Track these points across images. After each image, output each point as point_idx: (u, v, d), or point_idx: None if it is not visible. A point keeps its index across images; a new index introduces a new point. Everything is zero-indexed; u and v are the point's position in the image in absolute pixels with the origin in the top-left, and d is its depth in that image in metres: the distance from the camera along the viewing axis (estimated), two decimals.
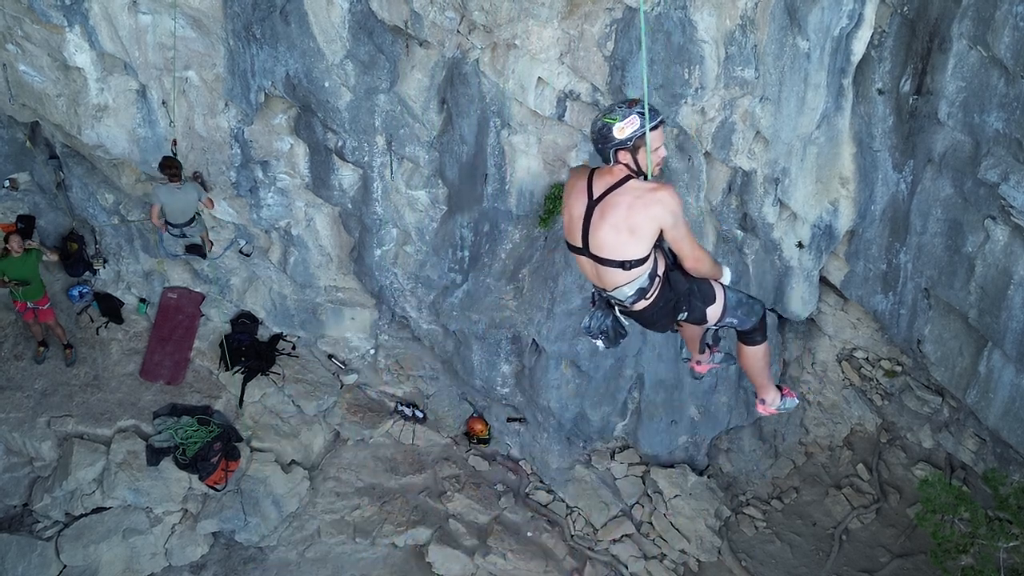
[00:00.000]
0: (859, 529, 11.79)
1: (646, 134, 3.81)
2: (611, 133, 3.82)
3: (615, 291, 4.10)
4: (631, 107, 3.84)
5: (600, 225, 3.91)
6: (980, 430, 10.85)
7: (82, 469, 11.23)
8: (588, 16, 8.72)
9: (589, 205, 3.95)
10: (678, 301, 4.22)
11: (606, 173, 3.96)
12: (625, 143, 3.82)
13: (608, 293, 4.16)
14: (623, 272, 3.99)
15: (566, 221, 4.10)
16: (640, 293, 4.09)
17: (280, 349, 12.88)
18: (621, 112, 3.83)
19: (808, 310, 11.34)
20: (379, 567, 11.92)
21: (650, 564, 11.85)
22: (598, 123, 3.88)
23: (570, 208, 4.05)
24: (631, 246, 3.91)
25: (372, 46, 9.40)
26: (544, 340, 11.20)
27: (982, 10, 8.25)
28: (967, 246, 9.41)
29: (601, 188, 3.93)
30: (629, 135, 3.81)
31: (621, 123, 3.81)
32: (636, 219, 3.85)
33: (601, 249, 3.95)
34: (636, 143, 3.83)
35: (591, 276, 4.17)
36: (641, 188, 3.87)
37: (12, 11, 9.25)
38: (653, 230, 3.89)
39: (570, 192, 4.07)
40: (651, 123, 3.81)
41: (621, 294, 4.09)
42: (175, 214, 9.80)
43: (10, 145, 11.58)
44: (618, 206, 3.87)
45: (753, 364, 4.76)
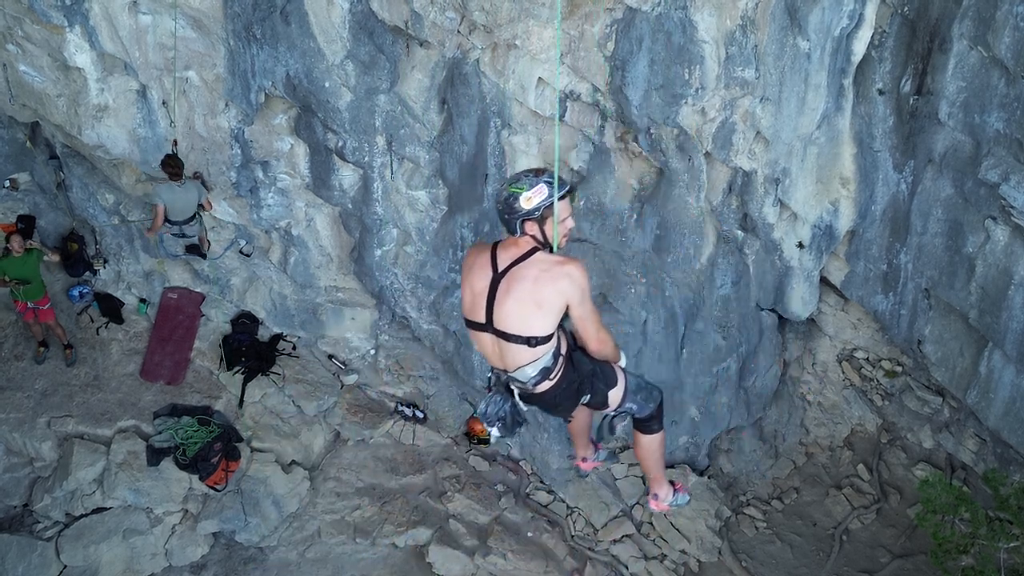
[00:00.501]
0: (859, 529, 11.79)
1: (554, 204, 3.68)
2: (517, 203, 3.67)
3: (517, 372, 3.89)
4: (538, 176, 3.70)
5: (505, 299, 3.74)
6: (980, 430, 10.85)
7: (82, 469, 11.22)
8: (588, 16, 8.73)
9: (494, 279, 3.76)
10: (581, 383, 4.04)
11: (511, 245, 3.79)
12: (532, 213, 3.67)
13: (509, 374, 3.94)
14: (528, 349, 3.79)
15: (467, 297, 3.90)
16: (544, 373, 3.89)
17: (280, 349, 12.87)
18: (528, 181, 3.69)
19: (808, 310, 11.34)
20: (379, 567, 11.92)
21: (650, 564, 11.84)
22: (503, 192, 3.73)
23: (471, 283, 3.85)
24: (537, 321, 3.73)
25: (372, 46, 9.40)
26: None
27: (982, 10, 8.24)
28: (967, 246, 9.41)
29: (506, 261, 3.76)
30: (537, 205, 3.67)
31: (528, 192, 3.66)
32: (543, 293, 3.68)
33: (506, 324, 3.77)
34: (544, 213, 3.68)
35: (492, 356, 3.96)
36: (548, 261, 3.72)
37: (12, 11, 9.25)
38: (560, 305, 3.73)
39: (471, 267, 3.87)
40: (559, 192, 3.67)
41: (524, 375, 3.89)
42: (175, 212, 9.81)
43: (10, 145, 11.58)
44: (524, 279, 3.70)
45: (649, 454, 4.56)
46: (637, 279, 10.81)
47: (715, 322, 11.13)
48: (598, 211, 10.46)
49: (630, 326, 11.04)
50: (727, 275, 10.81)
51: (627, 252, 10.67)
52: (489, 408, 4.12)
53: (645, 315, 11.01)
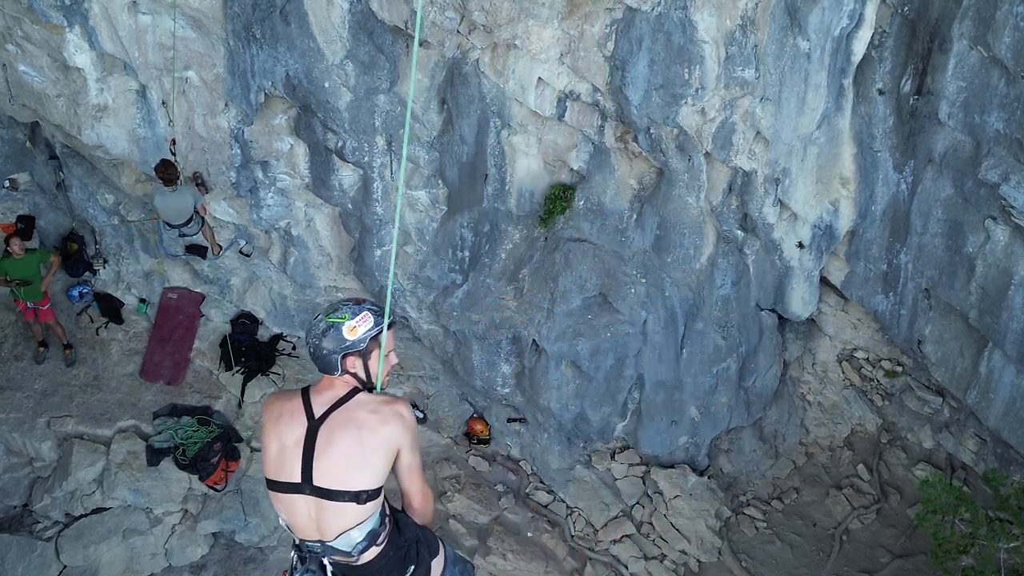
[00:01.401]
0: (859, 529, 11.78)
1: (383, 333, 3.29)
2: (341, 334, 3.22)
3: (339, 539, 3.26)
4: (360, 304, 3.30)
5: (327, 450, 3.17)
6: (980, 430, 10.84)
7: (82, 469, 11.23)
8: (588, 16, 8.72)
9: (310, 428, 3.21)
10: (408, 549, 3.48)
11: (325, 388, 3.31)
12: (356, 346, 3.24)
13: (328, 544, 3.29)
14: (355, 508, 3.20)
15: (272, 454, 3.27)
16: (371, 537, 3.31)
17: (280, 349, 12.87)
18: (350, 309, 3.27)
19: (808, 310, 11.33)
20: None
21: (650, 564, 11.84)
22: (321, 324, 3.26)
23: (280, 437, 3.25)
24: (366, 473, 3.19)
25: (372, 46, 9.40)
26: (544, 340, 11.19)
27: (982, 10, 8.24)
28: (967, 246, 9.40)
29: (323, 406, 3.25)
30: (362, 335, 3.24)
31: (352, 321, 3.24)
32: (372, 439, 3.19)
33: (329, 480, 3.17)
34: (369, 346, 3.27)
35: (304, 524, 3.28)
36: (375, 401, 3.27)
37: (12, 11, 9.25)
38: (392, 452, 3.24)
39: (277, 417, 3.29)
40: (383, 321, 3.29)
41: (347, 542, 3.27)
42: (169, 216, 9.82)
43: (10, 145, 11.58)
44: (349, 424, 3.19)
45: None
46: (637, 279, 10.81)
47: (715, 322, 11.13)
48: (598, 211, 10.46)
49: (630, 326, 11.04)
50: (727, 275, 10.81)
51: (627, 252, 10.67)
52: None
53: (645, 315, 11.00)
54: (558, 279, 10.81)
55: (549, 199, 10.53)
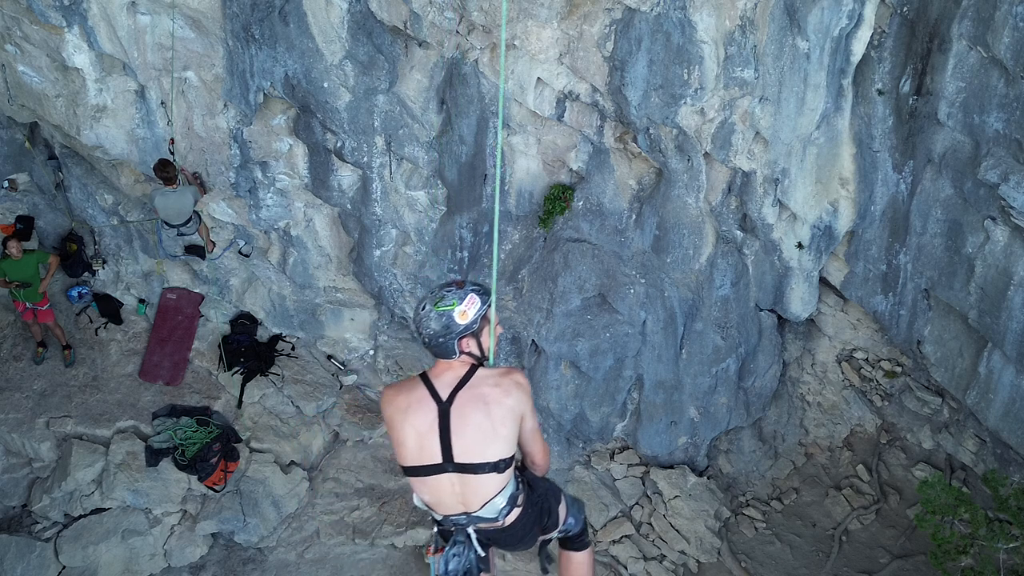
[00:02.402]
0: (859, 530, 11.78)
1: (492, 310, 3.47)
2: (453, 321, 3.38)
3: (485, 508, 3.52)
4: (462, 288, 3.46)
5: (463, 429, 3.39)
6: (980, 431, 10.84)
7: (81, 470, 11.21)
8: (587, 16, 8.72)
9: (441, 411, 3.41)
10: (541, 504, 3.75)
11: (444, 371, 3.48)
12: (470, 328, 3.41)
13: (474, 515, 3.54)
14: (497, 477, 3.45)
15: (409, 443, 3.46)
16: (512, 501, 3.57)
17: (279, 350, 12.87)
18: (456, 295, 3.43)
19: (808, 311, 11.33)
20: (378, 568, 11.91)
21: (650, 565, 11.83)
22: (432, 314, 3.40)
23: (412, 425, 3.44)
24: (501, 443, 3.42)
25: (371, 47, 9.39)
26: (543, 341, 11.19)
27: (982, 10, 8.24)
28: (967, 247, 9.40)
29: (448, 388, 3.43)
30: (473, 317, 3.41)
31: (461, 306, 3.40)
32: (500, 411, 3.40)
33: (470, 455, 3.40)
34: (480, 324, 3.45)
35: (449, 501, 3.53)
36: (493, 375, 3.46)
37: (11, 11, 9.24)
38: (517, 419, 3.46)
39: (405, 408, 3.46)
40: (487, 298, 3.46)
41: (493, 509, 3.53)
42: (169, 216, 9.80)
43: (9, 146, 11.57)
44: (477, 400, 3.40)
45: (583, 574, 4.17)
46: (636, 279, 10.81)
47: (714, 322, 11.13)
48: (597, 211, 10.46)
49: (629, 326, 11.03)
50: (726, 275, 10.80)
51: (626, 252, 10.67)
52: (452, 564, 3.63)
53: (644, 315, 11.00)
54: (557, 279, 10.81)
55: (548, 199, 10.53)
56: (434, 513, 3.64)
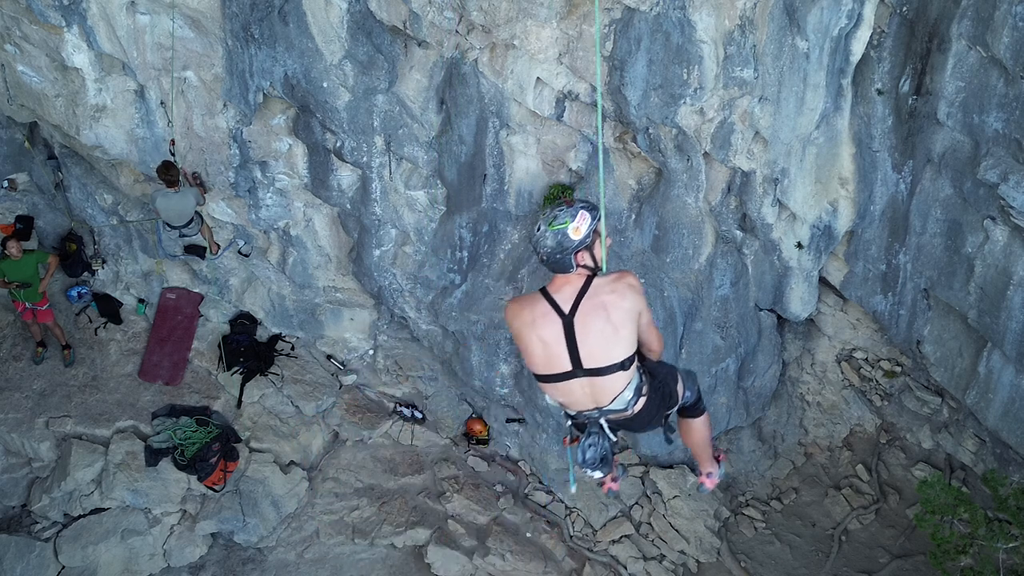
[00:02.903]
0: (858, 530, 11.78)
1: (602, 223, 3.77)
2: (568, 237, 3.69)
3: (615, 401, 3.89)
4: (571, 206, 3.75)
5: (588, 336, 3.71)
6: (980, 431, 10.84)
7: (80, 470, 11.22)
8: (587, 16, 8.71)
9: (565, 322, 3.73)
10: (662, 388, 4.08)
11: (563, 284, 3.79)
12: (584, 242, 3.72)
13: (606, 407, 3.92)
14: (623, 374, 3.80)
15: (538, 353, 3.81)
16: (637, 392, 3.93)
17: (279, 350, 12.87)
18: (567, 213, 3.73)
19: (807, 311, 11.33)
20: (378, 568, 11.91)
21: (649, 565, 11.83)
22: (548, 233, 3.72)
23: (539, 337, 3.78)
24: (623, 344, 3.75)
25: (371, 46, 9.39)
26: None
27: (981, 10, 8.23)
28: (967, 246, 9.40)
29: (568, 300, 3.74)
30: (586, 232, 3.72)
31: (573, 223, 3.71)
32: (618, 315, 3.71)
33: (598, 359, 3.75)
34: (592, 238, 3.75)
35: (581, 399, 3.91)
36: (608, 281, 3.76)
37: (10, 11, 9.24)
38: (634, 318, 3.77)
39: (531, 322, 3.79)
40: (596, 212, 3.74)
41: (622, 401, 3.90)
42: (170, 218, 9.80)
43: (9, 146, 11.57)
44: (597, 308, 3.70)
45: (702, 435, 4.61)
46: None
47: (714, 322, 11.13)
48: None
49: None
50: (726, 275, 10.80)
51: (626, 252, 10.66)
52: (589, 454, 4.02)
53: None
54: None
55: (548, 199, 10.52)
56: (567, 409, 4.04)
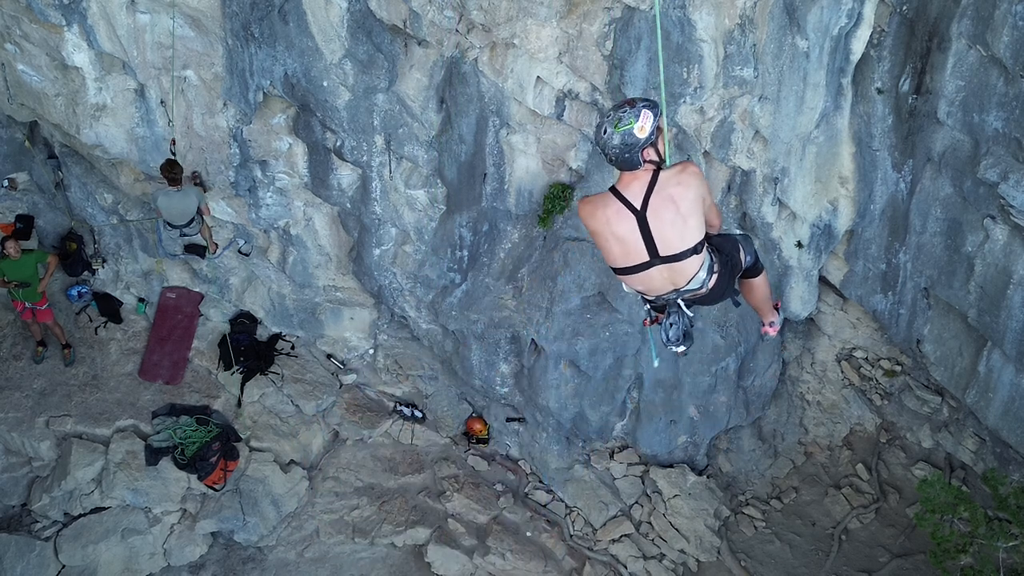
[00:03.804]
0: (858, 529, 11.78)
1: (663, 117, 3.93)
2: (634, 136, 3.83)
3: (692, 282, 4.14)
4: (633, 105, 3.88)
5: (662, 227, 3.93)
6: (980, 430, 10.84)
7: (81, 469, 11.22)
8: (587, 15, 8.72)
9: (639, 217, 3.93)
10: (729, 260, 4.31)
11: (632, 180, 3.96)
12: (650, 139, 3.87)
13: (683, 288, 4.18)
14: (696, 257, 4.04)
15: (615, 249, 4.05)
16: (710, 270, 4.17)
17: (279, 349, 12.87)
18: (631, 113, 3.86)
19: (807, 310, 11.33)
20: (378, 567, 11.91)
21: (649, 564, 11.84)
22: (616, 134, 3.85)
23: (615, 233, 4.00)
24: (693, 230, 3.97)
25: (371, 45, 9.39)
26: (543, 340, 11.19)
27: (981, 9, 8.24)
28: (966, 245, 9.40)
29: (639, 195, 3.93)
30: (650, 129, 3.85)
31: (638, 123, 3.84)
32: (686, 204, 3.91)
33: (673, 247, 3.98)
34: (656, 134, 3.89)
35: (660, 285, 4.17)
36: (673, 174, 3.94)
37: (10, 10, 9.24)
38: (701, 205, 3.98)
39: (606, 219, 4.00)
40: (657, 109, 3.89)
41: (697, 281, 4.16)
42: (172, 217, 9.80)
43: (9, 145, 11.56)
44: (666, 200, 3.90)
45: (762, 292, 4.89)
46: None
47: (714, 321, 11.13)
48: None
49: (629, 325, 11.03)
50: None
51: None
52: (671, 331, 4.38)
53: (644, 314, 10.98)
54: (557, 278, 10.81)
55: (548, 198, 10.52)
56: (645, 296, 4.33)
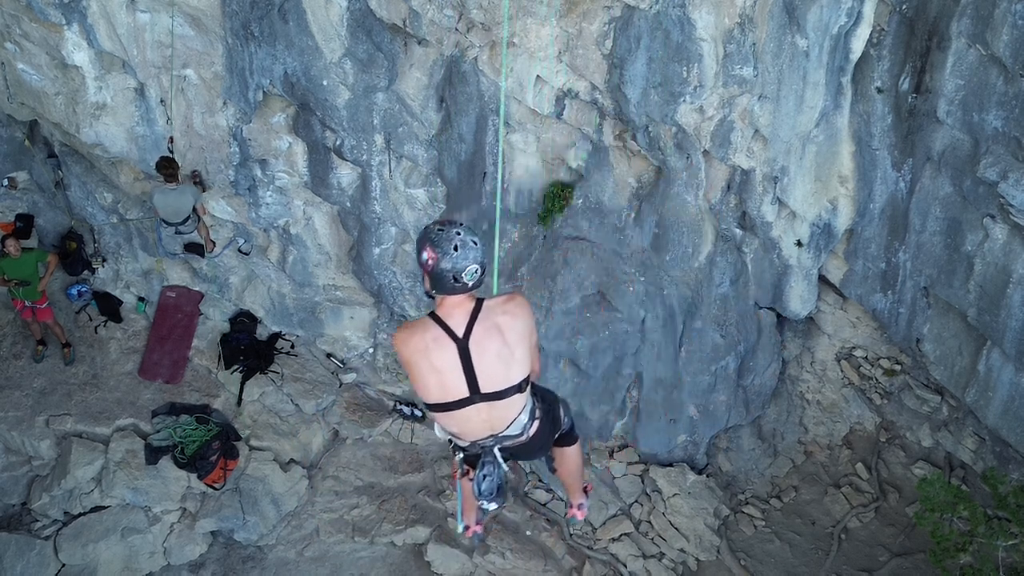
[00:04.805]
0: (858, 528, 11.78)
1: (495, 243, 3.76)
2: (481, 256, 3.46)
3: (511, 426, 3.75)
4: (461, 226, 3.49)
5: (484, 358, 3.54)
6: (979, 429, 10.84)
7: (81, 468, 11.23)
8: (586, 14, 8.72)
9: (460, 346, 3.52)
10: (551, 411, 3.97)
11: (454, 308, 3.55)
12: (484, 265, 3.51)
13: (502, 433, 3.77)
14: (520, 396, 3.67)
15: (431, 381, 3.59)
16: (531, 414, 3.81)
17: (279, 348, 12.87)
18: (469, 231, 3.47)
19: (807, 309, 11.33)
20: (378, 566, 11.92)
21: (649, 563, 11.84)
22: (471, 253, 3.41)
23: (433, 363, 3.55)
24: (519, 365, 3.62)
25: (371, 44, 9.40)
26: (542, 339, 11.19)
27: (981, 8, 8.24)
28: (966, 245, 9.40)
29: (461, 324, 3.53)
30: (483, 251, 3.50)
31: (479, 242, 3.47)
32: (513, 335, 3.57)
33: (496, 383, 3.59)
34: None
35: (478, 427, 3.73)
36: (499, 302, 3.60)
37: (10, 9, 9.25)
38: (527, 339, 3.64)
39: (424, 348, 3.55)
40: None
41: (518, 426, 3.77)
42: (168, 214, 9.80)
43: (9, 144, 11.58)
44: (492, 330, 3.54)
45: (576, 463, 4.44)
46: (636, 277, 10.81)
47: (714, 320, 11.13)
48: (596, 209, 10.46)
49: (628, 324, 11.04)
50: (725, 273, 10.81)
51: (625, 250, 10.67)
52: (484, 484, 3.87)
53: (643, 313, 11.00)
54: (556, 277, 10.81)
55: (548, 197, 10.53)
56: (459, 441, 3.86)
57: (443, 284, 3.48)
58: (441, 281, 3.47)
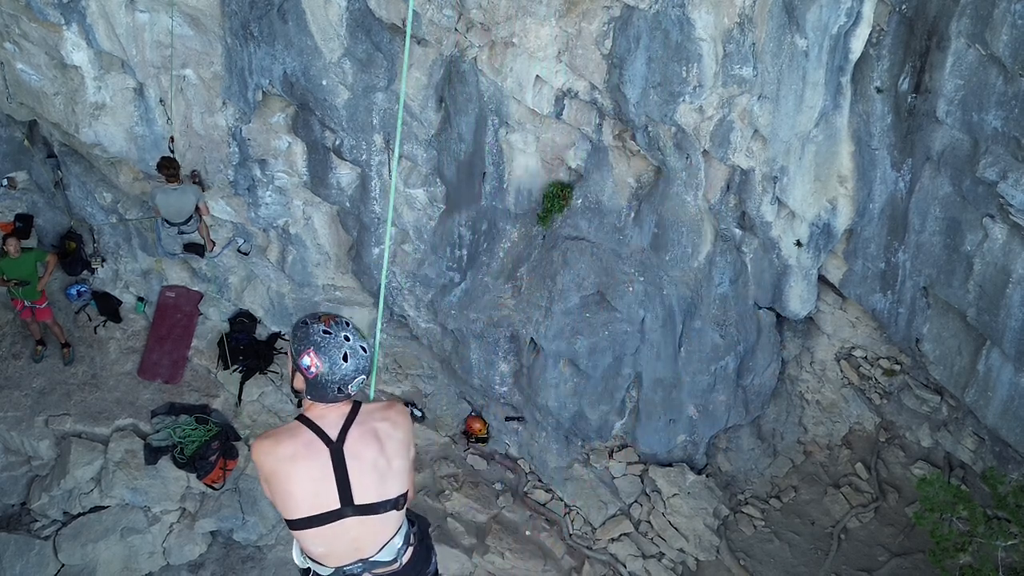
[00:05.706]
0: (858, 528, 11.78)
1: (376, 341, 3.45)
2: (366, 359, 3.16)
3: (383, 550, 3.31)
4: (344, 324, 3.22)
5: (359, 467, 3.18)
6: (979, 429, 10.85)
7: (80, 468, 11.22)
8: (586, 14, 8.72)
9: (333, 451, 3.16)
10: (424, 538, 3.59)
11: (327, 411, 3.21)
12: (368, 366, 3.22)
13: (373, 559, 3.31)
14: (396, 515, 3.29)
15: (299, 492, 3.14)
16: (407, 539, 3.41)
17: (278, 348, 12.86)
18: (359, 337, 3.21)
19: (807, 309, 11.33)
20: None
21: (648, 563, 11.84)
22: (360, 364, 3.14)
23: (303, 473, 3.13)
24: (397, 479, 3.26)
25: (370, 44, 9.40)
26: (542, 339, 11.18)
27: (980, 8, 8.24)
28: (966, 244, 9.40)
29: (336, 427, 3.19)
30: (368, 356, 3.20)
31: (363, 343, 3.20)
32: (393, 444, 3.26)
33: (370, 494, 3.19)
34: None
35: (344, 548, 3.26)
36: (378, 408, 3.31)
37: (9, 9, 9.24)
38: (407, 451, 3.32)
39: (291, 455, 3.14)
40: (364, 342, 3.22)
41: (391, 550, 3.33)
42: (169, 214, 9.79)
43: (8, 144, 11.57)
44: (368, 435, 3.21)
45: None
46: (635, 277, 10.81)
47: (713, 320, 11.13)
48: (596, 209, 10.46)
49: (628, 324, 11.03)
50: (725, 273, 10.81)
51: (625, 250, 10.67)
52: None
53: (643, 313, 11.00)
54: (556, 277, 10.81)
55: (547, 197, 10.53)
56: (320, 568, 3.34)
57: (324, 393, 3.17)
58: (323, 390, 3.16)
